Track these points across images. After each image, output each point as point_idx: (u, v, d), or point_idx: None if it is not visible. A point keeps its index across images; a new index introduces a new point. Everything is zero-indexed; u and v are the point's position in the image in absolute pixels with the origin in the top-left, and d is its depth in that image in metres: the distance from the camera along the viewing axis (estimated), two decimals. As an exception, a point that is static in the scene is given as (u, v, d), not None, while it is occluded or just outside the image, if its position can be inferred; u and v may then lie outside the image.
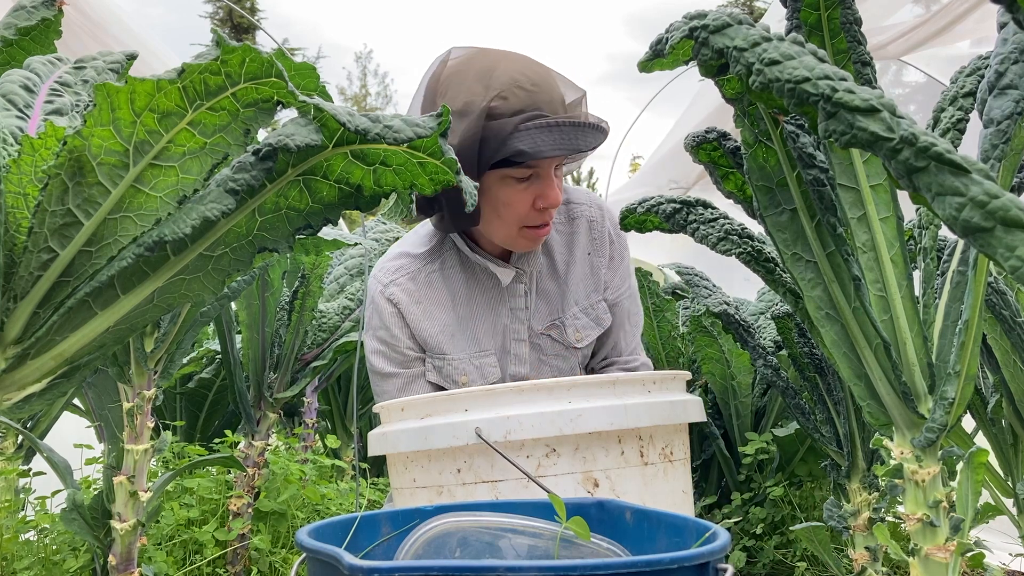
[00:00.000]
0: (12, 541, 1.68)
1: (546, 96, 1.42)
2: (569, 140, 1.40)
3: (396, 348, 1.55)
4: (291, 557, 1.99)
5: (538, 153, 1.37)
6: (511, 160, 1.39)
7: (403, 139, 0.87)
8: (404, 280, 1.56)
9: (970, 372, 0.93)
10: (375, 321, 1.57)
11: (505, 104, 1.39)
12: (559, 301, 1.59)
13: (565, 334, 1.59)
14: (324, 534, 0.82)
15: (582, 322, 1.59)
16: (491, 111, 1.40)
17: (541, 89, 1.42)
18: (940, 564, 0.93)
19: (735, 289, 2.53)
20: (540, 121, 1.39)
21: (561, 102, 1.45)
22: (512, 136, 1.38)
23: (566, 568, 0.59)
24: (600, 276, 1.61)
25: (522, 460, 1.05)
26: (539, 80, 1.44)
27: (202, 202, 0.86)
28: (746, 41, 0.76)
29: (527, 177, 1.44)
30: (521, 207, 1.46)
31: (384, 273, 1.58)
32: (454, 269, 1.57)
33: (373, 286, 1.59)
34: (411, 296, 1.56)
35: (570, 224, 1.62)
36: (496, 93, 1.40)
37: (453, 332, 1.56)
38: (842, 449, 1.49)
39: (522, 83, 1.42)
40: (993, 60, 0.88)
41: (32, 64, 1.04)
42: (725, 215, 1.24)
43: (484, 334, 1.57)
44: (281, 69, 0.82)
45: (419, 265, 1.58)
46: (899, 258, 0.98)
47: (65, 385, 0.95)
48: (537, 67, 1.48)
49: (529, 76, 1.44)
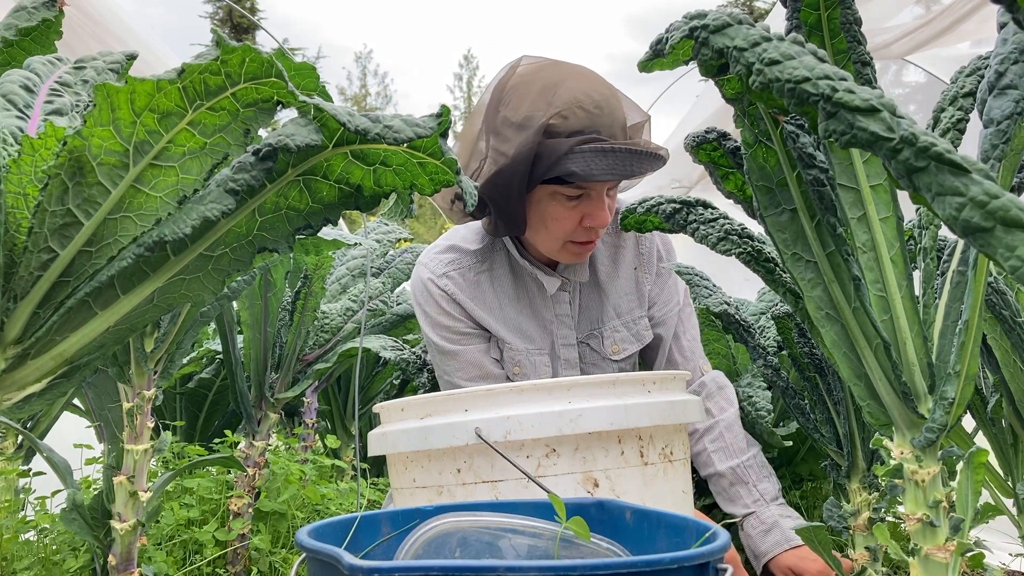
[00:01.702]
0: (12, 541, 1.68)
1: (607, 120, 1.41)
2: (623, 166, 1.40)
3: (454, 329, 1.57)
4: (291, 557, 1.99)
5: (590, 176, 1.37)
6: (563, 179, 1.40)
7: (403, 139, 0.87)
8: (455, 274, 1.58)
9: (970, 372, 0.92)
10: (432, 305, 1.58)
11: (564, 123, 1.39)
12: (598, 311, 1.60)
13: (603, 345, 1.59)
14: (324, 534, 0.82)
15: (621, 335, 1.60)
16: (549, 128, 1.40)
17: (603, 112, 1.42)
18: (940, 564, 0.93)
19: (735, 289, 2.53)
20: (596, 145, 1.39)
21: (622, 126, 1.44)
22: (566, 157, 1.38)
23: (566, 568, 0.59)
24: (644, 292, 1.61)
25: (522, 460, 1.05)
26: (602, 102, 1.43)
27: (202, 202, 0.86)
28: (746, 41, 0.76)
29: (578, 196, 1.45)
30: (568, 224, 1.47)
31: (437, 264, 1.60)
32: (503, 271, 1.59)
33: (422, 273, 1.60)
34: (462, 290, 1.58)
35: (617, 236, 1.62)
36: (557, 111, 1.40)
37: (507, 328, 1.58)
38: (842, 449, 1.49)
39: (584, 104, 1.41)
40: (993, 60, 0.88)
41: (32, 64, 1.04)
42: (725, 215, 1.24)
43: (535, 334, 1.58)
44: (281, 69, 0.82)
45: (469, 263, 1.60)
46: (899, 258, 0.98)
47: (65, 385, 0.95)
48: (603, 88, 1.46)
49: (593, 97, 1.43)
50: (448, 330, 1.57)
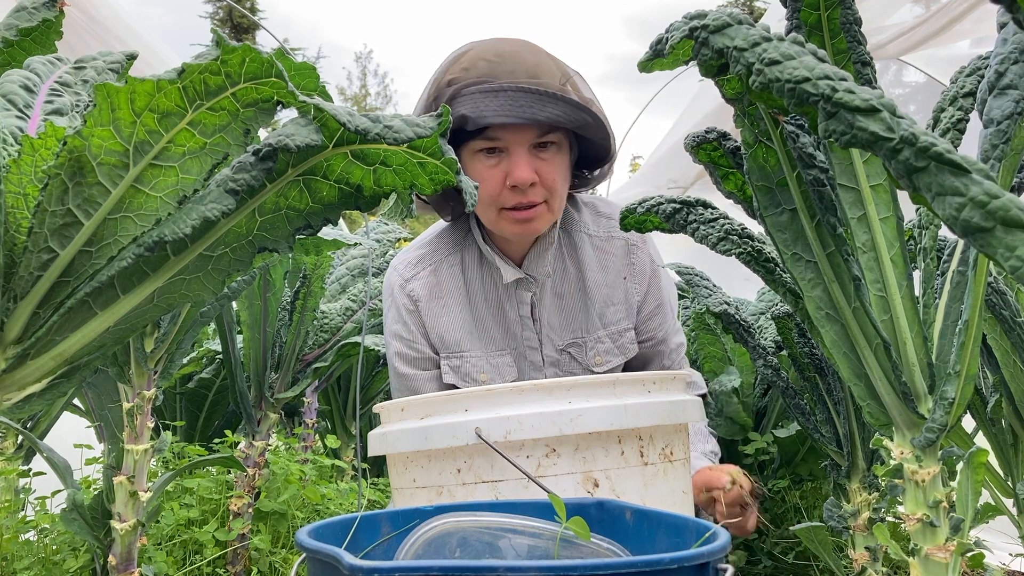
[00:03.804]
0: (12, 541, 1.68)
1: (508, 66, 1.35)
2: (518, 107, 1.32)
3: (413, 346, 1.53)
4: (291, 557, 1.99)
5: (481, 118, 1.31)
6: (465, 129, 1.34)
7: (403, 139, 0.87)
8: (425, 274, 1.54)
9: (970, 372, 0.92)
10: (393, 314, 1.55)
11: (466, 75, 1.35)
12: (583, 319, 1.53)
13: (586, 355, 1.53)
14: (324, 534, 0.82)
15: (605, 347, 1.53)
16: (452, 82, 1.36)
17: (504, 60, 1.36)
18: (940, 564, 0.93)
19: (735, 289, 2.53)
20: (485, 86, 1.32)
21: (529, 73, 1.36)
22: (455, 101, 1.33)
23: (566, 568, 0.59)
24: (633, 304, 1.54)
25: (522, 460, 1.05)
26: (506, 52, 1.37)
27: (202, 202, 0.86)
28: (746, 41, 0.76)
29: (495, 151, 1.38)
30: (492, 185, 1.40)
31: (406, 267, 1.56)
32: (473, 262, 1.54)
33: (393, 279, 1.56)
34: (431, 291, 1.53)
35: (607, 242, 1.55)
36: (460, 65, 1.37)
37: (471, 329, 1.53)
38: (842, 449, 1.49)
39: (485, 55, 1.37)
40: (993, 60, 0.88)
41: (32, 64, 1.04)
42: (725, 215, 1.24)
43: (498, 334, 1.53)
44: (281, 69, 0.82)
45: (442, 256, 1.55)
46: (899, 258, 0.98)
47: (65, 385, 0.95)
48: (518, 45, 1.40)
49: (497, 48, 1.37)
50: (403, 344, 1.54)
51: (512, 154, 1.38)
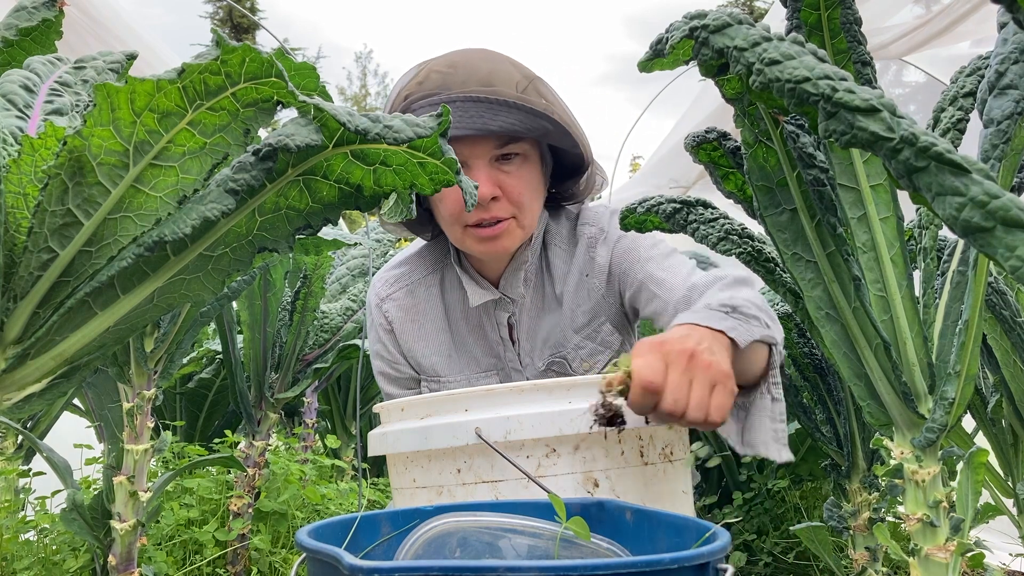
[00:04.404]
0: (12, 541, 1.68)
1: (461, 76, 1.29)
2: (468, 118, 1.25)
3: (394, 366, 1.50)
4: (291, 557, 1.99)
5: None
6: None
7: (403, 139, 0.87)
8: (401, 295, 1.49)
9: (970, 372, 0.92)
10: (373, 333, 1.52)
11: (419, 88, 1.30)
12: (558, 334, 1.45)
13: (570, 368, 1.45)
14: (324, 534, 0.82)
15: (586, 349, 1.45)
16: (406, 96, 1.32)
17: (456, 70, 1.29)
18: (940, 564, 0.93)
19: (735, 289, 2.52)
20: (435, 98, 1.27)
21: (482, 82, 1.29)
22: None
23: (566, 568, 0.59)
24: (597, 296, 1.44)
25: (522, 460, 1.05)
26: (461, 62, 1.31)
27: (202, 202, 0.86)
28: (746, 41, 0.76)
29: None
30: (452, 202, 1.33)
31: (383, 285, 1.51)
32: (453, 283, 1.48)
33: (371, 297, 1.52)
34: (407, 313, 1.48)
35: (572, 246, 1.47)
36: (415, 80, 1.32)
37: (449, 352, 1.47)
38: (842, 449, 1.49)
39: (440, 67, 1.31)
40: (993, 60, 0.88)
41: (32, 64, 1.04)
42: (725, 215, 1.24)
43: (481, 355, 1.47)
44: (281, 69, 0.82)
45: (420, 275, 1.50)
46: (899, 258, 0.98)
47: (65, 385, 0.95)
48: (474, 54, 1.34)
49: (452, 60, 1.32)
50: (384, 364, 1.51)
51: (471, 168, 1.31)
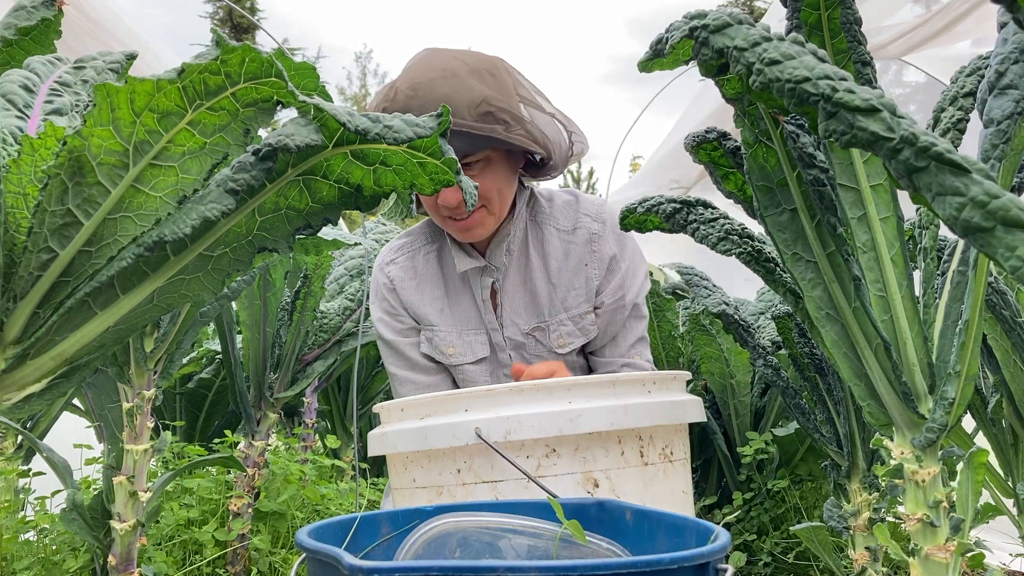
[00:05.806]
0: (12, 541, 1.68)
1: (420, 101, 1.41)
2: None
3: (396, 316, 1.67)
4: (291, 557, 1.99)
5: None
6: None
7: (403, 139, 0.87)
8: (403, 259, 1.70)
9: (970, 372, 0.92)
10: (375, 295, 1.70)
11: (390, 105, 1.45)
12: (547, 305, 1.63)
13: (549, 337, 1.63)
14: (324, 534, 0.82)
15: (567, 329, 1.63)
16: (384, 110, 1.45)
17: (417, 94, 1.42)
18: (940, 564, 0.93)
19: (735, 289, 2.53)
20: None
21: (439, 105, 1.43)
22: None
23: (566, 568, 0.59)
24: (593, 288, 1.63)
25: (522, 460, 1.04)
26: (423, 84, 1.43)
27: (202, 202, 0.86)
28: (746, 41, 0.76)
29: None
30: (428, 202, 1.55)
31: (388, 252, 1.73)
32: (448, 250, 1.67)
33: (377, 261, 1.74)
34: (407, 272, 1.68)
35: (572, 234, 1.65)
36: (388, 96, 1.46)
37: (442, 307, 1.66)
38: (842, 449, 1.49)
39: (405, 87, 1.44)
40: (993, 60, 0.88)
41: (32, 64, 1.04)
42: (725, 215, 1.24)
43: (471, 314, 1.65)
44: (281, 69, 0.82)
45: (420, 244, 1.70)
46: (899, 258, 0.98)
47: (65, 385, 0.95)
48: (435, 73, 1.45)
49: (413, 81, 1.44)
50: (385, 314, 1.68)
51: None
